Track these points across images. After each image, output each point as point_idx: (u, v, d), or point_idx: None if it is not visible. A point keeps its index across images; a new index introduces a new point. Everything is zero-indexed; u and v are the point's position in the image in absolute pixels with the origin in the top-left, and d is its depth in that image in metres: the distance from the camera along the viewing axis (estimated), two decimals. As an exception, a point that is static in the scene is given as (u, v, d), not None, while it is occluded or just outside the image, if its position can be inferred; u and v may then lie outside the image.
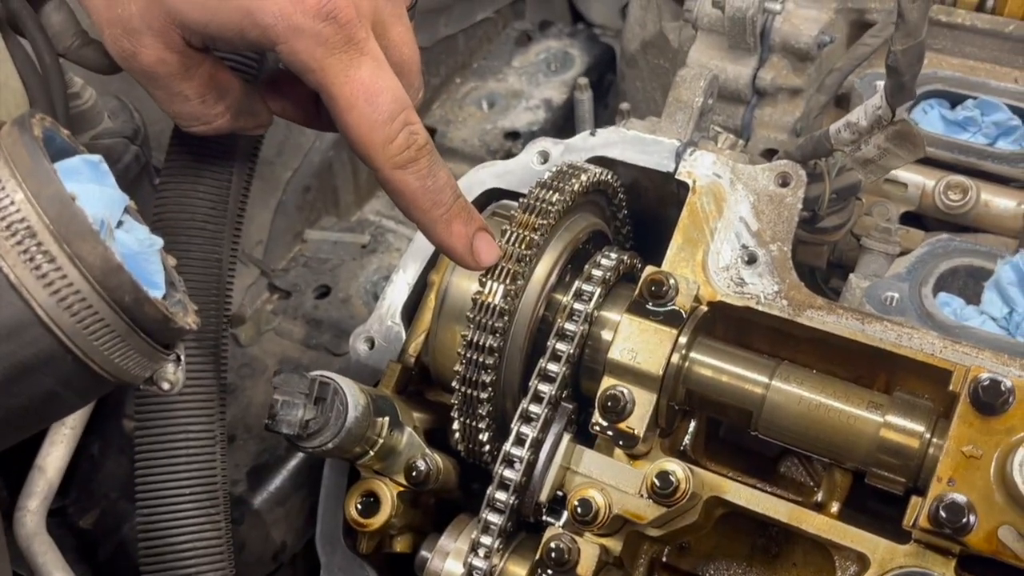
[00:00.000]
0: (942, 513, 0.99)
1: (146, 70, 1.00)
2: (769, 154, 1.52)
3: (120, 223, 0.93)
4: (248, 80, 1.13)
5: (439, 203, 1.05)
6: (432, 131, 2.16)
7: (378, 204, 2.04)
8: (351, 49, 0.96)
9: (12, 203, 0.81)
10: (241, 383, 1.77)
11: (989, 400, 1.01)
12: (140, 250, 0.93)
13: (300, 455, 1.69)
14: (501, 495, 1.13)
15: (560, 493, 1.15)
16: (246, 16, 0.93)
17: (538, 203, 1.16)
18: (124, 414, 1.65)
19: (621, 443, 1.14)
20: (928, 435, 1.07)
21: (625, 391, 1.13)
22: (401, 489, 1.18)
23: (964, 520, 0.98)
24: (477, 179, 1.35)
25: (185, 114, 1.05)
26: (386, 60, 0.99)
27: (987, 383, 1.01)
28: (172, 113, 1.06)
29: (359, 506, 1.19)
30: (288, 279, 1.88)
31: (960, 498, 0.99)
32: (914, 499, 1.04)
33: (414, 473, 1.17)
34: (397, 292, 1.33)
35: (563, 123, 2.14)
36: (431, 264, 1.33)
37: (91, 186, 0.90)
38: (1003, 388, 1.01)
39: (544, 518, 1.16)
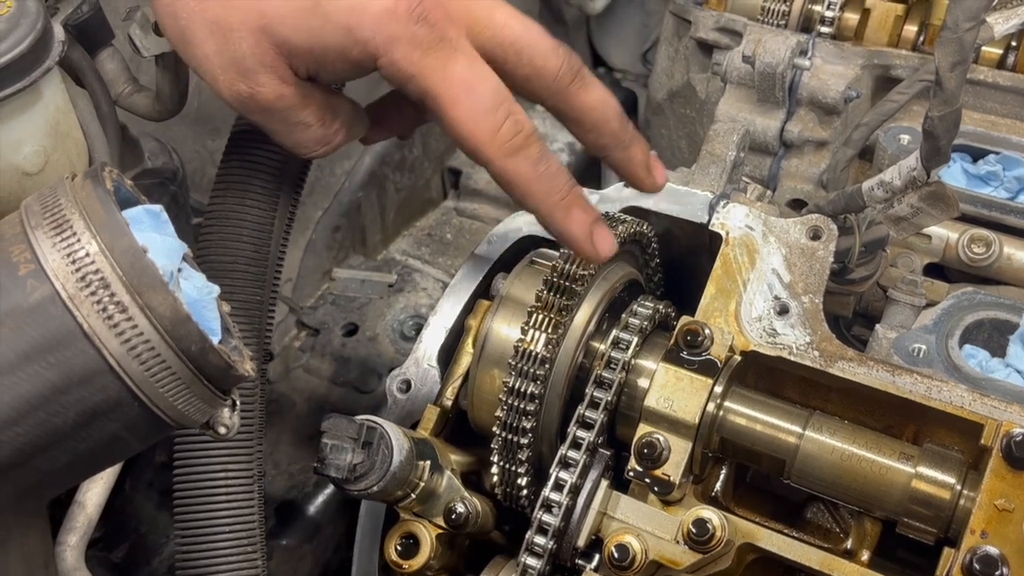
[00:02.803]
0: (976, 565, 1.01)
1: (265, 107, 1.03)
2: (796, 204, 1.56)
3: (179, 270, 0.97)
4: None
5: (556, 188, 1.04)
6: (457, 172, 2.20)
7: (404, 244, 2.08)
8: (445, 46, 0.99)
9: (87, 255, 0.84)
10: (269, 419, 1.79)
11: (1022, 455, 1.04)
12: (199, 298, 0.96)
13: (327, 492, 1.72)
14: (540, 539, 1.15)
15: (595, 538, 1.17)
16: (347, 34, 0.98)
17: (579, 254, 1.19)
18: (154, 449, 1.68)
19: (656, 489, 1.16)
20: (959, 487, 1.09)
21: (661, 438, 1.16)
22: (440, 531, 1.21)
23: (998, 572, 1.01)
24: (514, 226, 1.38)
25: (307, 140, 1.08)
26: (480, 56, 1.01)
27: (1020, 438, 1.04)
28: (293, 143, 1.09)
29: (399, 547, 1.21)
30: (316, 316, 1.91)
31: (993, 551, 1.02)
32: (947, 550, 1.06)
33: (453, 516, 1.19)
34: (433, 335, 1.36)
35: (585, 167, 2.17)
36: (467, 309, 1.36)
37: (154, 235, 0.93)
38: (1035, 443, 1.04)
39: (578, 562, 1.18)
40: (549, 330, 1.15)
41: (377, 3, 0.97)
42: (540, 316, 1.16)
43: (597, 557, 1.16)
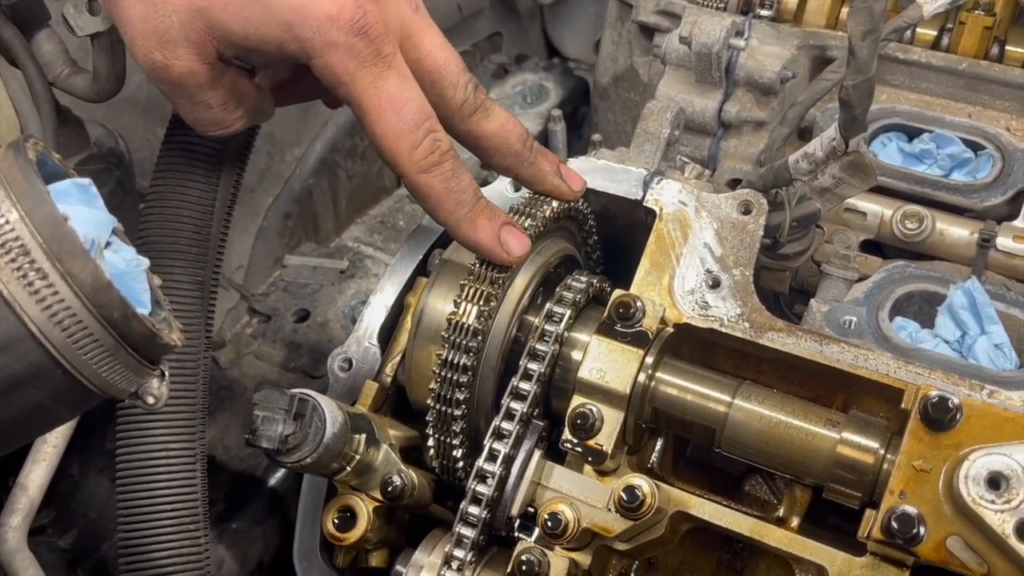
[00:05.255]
0: (894, 524, 1.04)
1: (175, 81, 1.04)
2: (734, 184, 1.58)
3: (108, 244, 0.97)
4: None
5: (462, 203, 1.13)
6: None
7: (357, 231, 2.09)
8: (380, 63, 1.03)
9: (7, 222, 0.85)
10: (220, 405, 1.80)
11: (938, 416, 1.06)
12: (127, 269, 0.96)
13: (278, 476, 1.73)
14: (474, 509, 1.17)
15: (531, 508, 1.19)
16: (287, 30, 1.00)
17: (511, 228, 1.20)
18: (105, 435, 1.68)
19: (590, 459, 1.18)
20: (882, 451, 1.11)
21: (594, 409, 1.17)
22: (377, 504, 1.22)
23: (915, 531, 1.03)
24: (453, 205, 1.39)
25: (206, 120, 1.10)
26: (410, 72, 1.06)
27: (936, 400, 1.06)
28: (192, 120, 1.11)
29: (336, 521, 1.22)
30: (268, 303, 1.92)
31: (911, 510, 1.04)
32: (868, 512, 1.09)
33: (389, 488, 1.20)
34: (374, 314, 1.37)
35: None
36: (408, 287, 1.37)
37: (81, 208, 0.94)
38: (951, 405, 1.06)
39: (516, 533, 1.20)
40: (481, 302, 1.17)
41: (321, 6, 1.00)
42: (473, 289, 1.18)
43: (537, 531, 1.18)
